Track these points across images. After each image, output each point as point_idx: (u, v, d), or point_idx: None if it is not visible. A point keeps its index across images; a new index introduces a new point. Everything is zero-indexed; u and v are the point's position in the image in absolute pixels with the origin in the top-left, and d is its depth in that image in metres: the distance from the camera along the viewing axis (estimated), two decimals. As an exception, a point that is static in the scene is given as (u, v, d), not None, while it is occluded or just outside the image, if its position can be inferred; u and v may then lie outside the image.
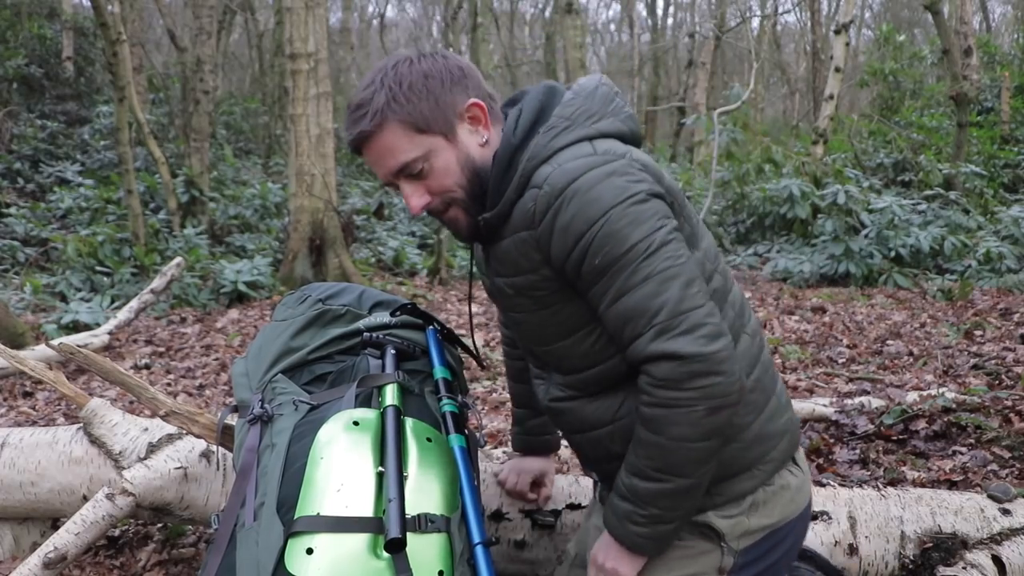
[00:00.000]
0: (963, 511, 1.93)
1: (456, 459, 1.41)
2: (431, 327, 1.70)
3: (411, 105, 1.27)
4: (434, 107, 1.28)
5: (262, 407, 1.47)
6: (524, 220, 1.27)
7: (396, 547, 1.21)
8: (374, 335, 1.61)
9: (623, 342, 1.26)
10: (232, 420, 1.70)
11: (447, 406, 1.49)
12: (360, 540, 1.23)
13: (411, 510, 1.27)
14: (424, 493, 1.32)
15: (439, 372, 1.57)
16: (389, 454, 1.31)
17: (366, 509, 1.26)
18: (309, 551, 1.20)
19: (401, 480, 1.28)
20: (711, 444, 1.24)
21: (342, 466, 1.30)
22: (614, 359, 1.33)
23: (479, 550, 1.31)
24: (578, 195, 1.21)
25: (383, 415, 1.39)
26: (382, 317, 1.70)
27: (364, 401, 1.46)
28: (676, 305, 1.20)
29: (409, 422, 1.41)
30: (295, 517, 1.25)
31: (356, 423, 1.37)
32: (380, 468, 1.30)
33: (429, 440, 1.40)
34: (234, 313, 7.18)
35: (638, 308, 1.21)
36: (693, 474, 1.26)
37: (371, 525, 1.25)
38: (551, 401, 1.45)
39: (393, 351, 1.57)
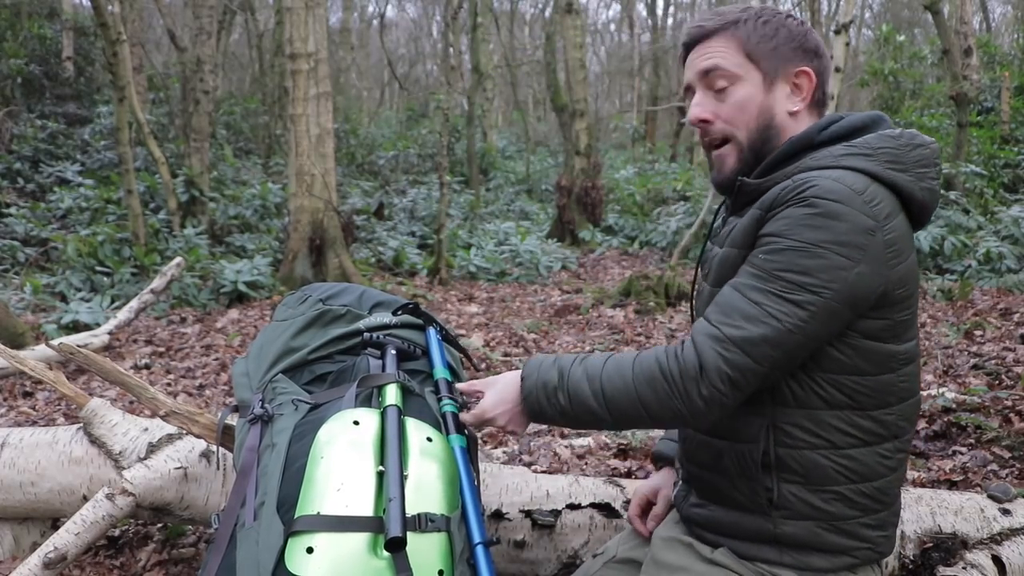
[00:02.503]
0: (963, 511, 1.92)
1: (456, 459, 1.41)
2: (431, 327, 1.70)
3: (755, 34, 1.31)
4: (773, 49, 1.31)
5: (262, 407, 1.47)
6: (766, 203, 1.25)
7: (396, 546, 1.21)
8: (374, 335, 1.61)
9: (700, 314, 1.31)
10: (232, 420, 1.71)
11: (447, 406, 1.49)
12: (360, 539, 1.23)
13: (411, 509, 1.27)
14: (424, 492, 1.32)
15: (439, 372, 1.57)
16: (389, 453, 1.31)
17: (366, 508, 1.26)
18: (309, 550, 1.20)
19: (401, 479, 1.28)
20: (649, 422, 1.28)
21: (342, 465, 1.30)
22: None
23: (479, 550, 1.31)
24: (813, 209, 1.17)
25: (383, 415, 1.39)
26: (382, 317, 1.70)
27: (364, 401, 1.46)
28: (747, 342, 1.19)
29: (409, 422, 1.41)
30: (295, 516, 1.24)
31: (356, 423, 1.37)
32: (380, 467, 1.30)
33: (429, 440, 1.40)
34: (234, 313, 7.18)
35: (728, 307, 1.22)
36: (614, 421, 1.29)
37: (371, 524, 1.24)
38: None
39: (393, 351, 1.57)
